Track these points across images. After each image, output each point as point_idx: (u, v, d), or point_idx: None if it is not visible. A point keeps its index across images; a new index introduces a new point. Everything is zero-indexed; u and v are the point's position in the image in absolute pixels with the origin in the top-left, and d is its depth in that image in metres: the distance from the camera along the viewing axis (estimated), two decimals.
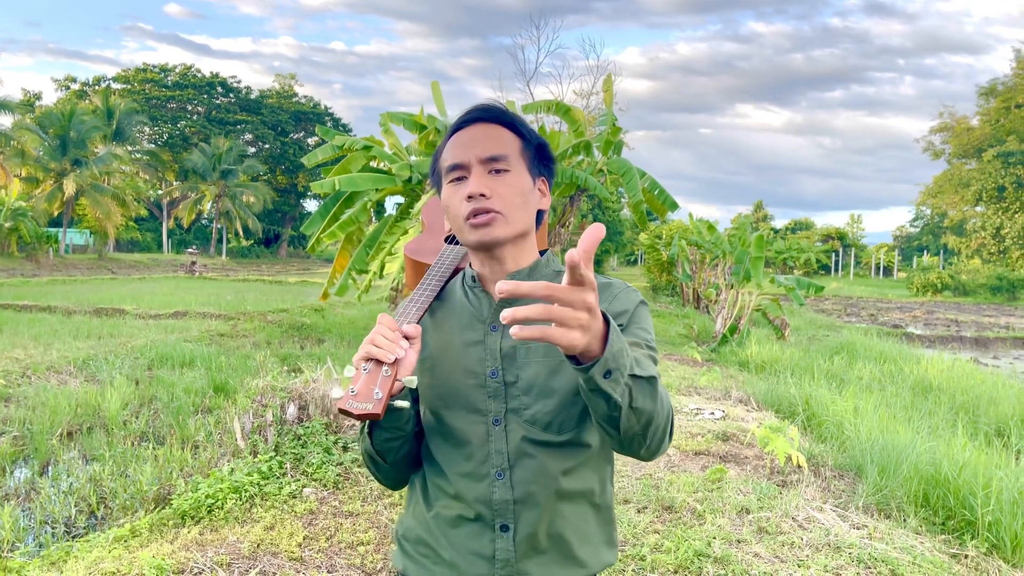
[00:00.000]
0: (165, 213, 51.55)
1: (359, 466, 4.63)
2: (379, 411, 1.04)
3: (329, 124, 58.09)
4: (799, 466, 4.68)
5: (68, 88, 54.22)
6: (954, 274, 34.95)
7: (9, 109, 35.19)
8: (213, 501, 3.85)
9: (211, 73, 57.64)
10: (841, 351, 11.03)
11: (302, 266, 47.38)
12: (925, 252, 59.24)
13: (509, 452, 1.19)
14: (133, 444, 5.57)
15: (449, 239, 1.48)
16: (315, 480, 4.39)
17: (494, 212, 1.18)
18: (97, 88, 52.30)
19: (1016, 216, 42.60)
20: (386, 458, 1.24)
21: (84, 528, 4.15)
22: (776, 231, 61.51)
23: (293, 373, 6.72)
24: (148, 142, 53.32)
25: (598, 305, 0.90)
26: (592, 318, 0.89)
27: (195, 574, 3.12)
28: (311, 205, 59.78)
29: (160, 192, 52.30)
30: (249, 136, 57.73)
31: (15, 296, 16.50)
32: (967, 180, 45.73)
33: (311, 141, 59.03)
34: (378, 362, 1.08)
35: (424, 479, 1.28)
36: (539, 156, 1.27)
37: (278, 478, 4.31)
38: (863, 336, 12.83)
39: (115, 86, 54.08)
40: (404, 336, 1.12)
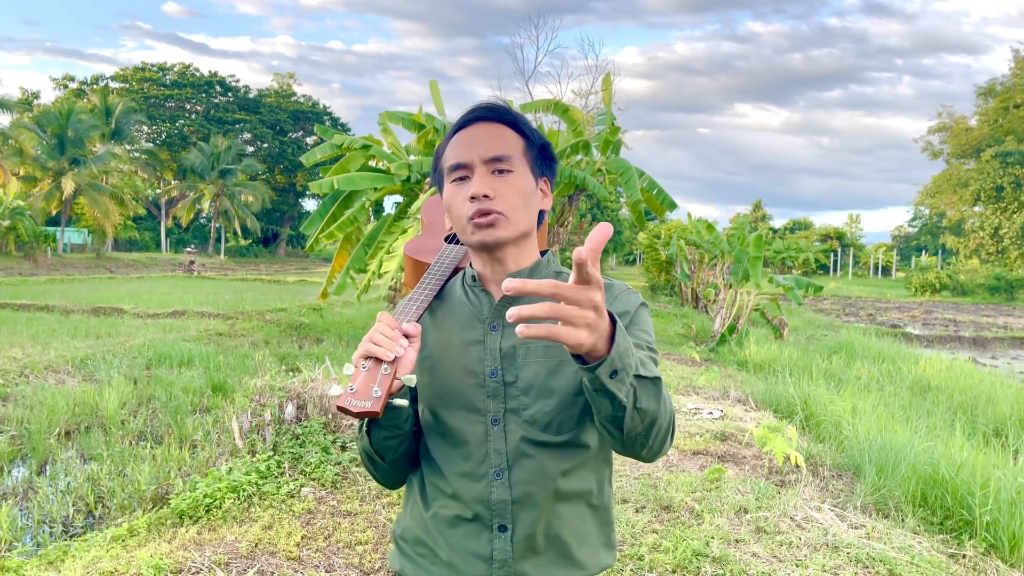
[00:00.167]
0: (163, 212, 51.51)
1: (357, 465, 4.63)
2: (377, 409, 1.04)
3: (328, 123, 58.06)
4: (797, 466, 4.68)
5: (66, 87, 54.17)
6: (952, 274, 34.97)
7: (7, 108, 35.20)
8: (211, 500, 3.85)
9: (209, 72, 57.64)
10: (839, 351, 11.04)
11: (300, 265, 47.35)
12: (923, 252, 59.29)
13: (508, 452, 1.18)
14: (131, 443, 5.56)
15: (449, 238, 1.48)
16: (313, 479, 4.38)
17: (497, 213, 1.17)
18: (95, 87, 52.25)
19: (1014, 216, 42.63)
20: (384, 457, 1.24)
21: (82, 527, 4.14)
22: (775, 231, 61.50)
23: (291, 372, 6.71)
24: (146, 141, 53.28)
25: (605, 304, 0.89)
26: (599, 317, 0.88)
27: (193, 574, 3.12)
28: (310, 204, 59.76)
29: (158, 191, 52.25)
30: (247, 135, 57.68)
31: (13, 295, 16.47)
32: (965, 180, 45.77)
33: (310, 140, 58.97)
34: (377, 360, 1.08)
35: (422, 478, 1.27)
36: (542, 156, 1.27)
37: (276, 477, 4.30)
38: (861, 336, 12.83)
39: (113, 85, 54.05)
40: (404, 334, 1.11)
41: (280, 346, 10.77)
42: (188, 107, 56.28)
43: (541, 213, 1.29)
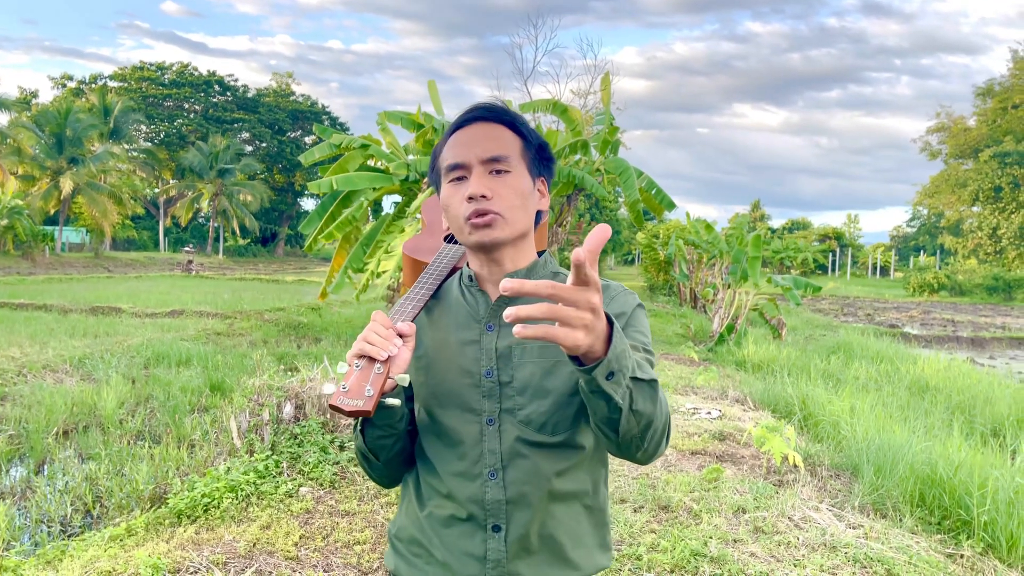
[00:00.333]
0: (162, 211, 51.46)
1: (356, 465, 4.63)
2: (369, 408, 1.03)
3: (326, 123, 58.03)
4: (795, 466, 4.68)
5: (64, 86, 54.08)
6: (950, 274, 35.00)
7: (5, 107, 35.20)
8: (209, 500, 3.84)
9: (208, 71, 57.58)
10: (838, 351, 11.05)
11: (299, 265, 47.33)
12: (922, 252, 59.34)
13: (502, 452, 1.18)
14: (129, 443, 5.56)
15: (448, 238, 1.48)
16: (311, 479, 4.38)
17: (494, 213, 1.17)
18: (94, 86, 52.20)
19: (1012, 216, 42.68)
20: (379, 456, 1.24)
21: (80, 527, 4.14)
22: (773, 231, 61.52)
23: (290, 372, 6.70)
24: (145, 140, 53.24)
25: (602, 305, 0.89)
26: (596, 318, 0.88)
27: (191, 573, 3.12)
28: (308, 204, 59.74)
29: (157, 190, 52.22)
30: (246, 134, 57.64)
31: (11, 294, 16.46)
32: (964, 180, 45.80)
33: (308, 140, 58.94)
34: (371, 359, 1.08)
35: (417, 478, 1.27)
36: (539, 156, 1.27)
37: (274, 477, 4.30)
38: (860, 336, 12.84)
39: (112, 84, 53.98)
40: (398, 334, 1.11)
41: (278, 345, 10.76)
42: (186, 106, 56.22)
43: (538, 213, 1.29)
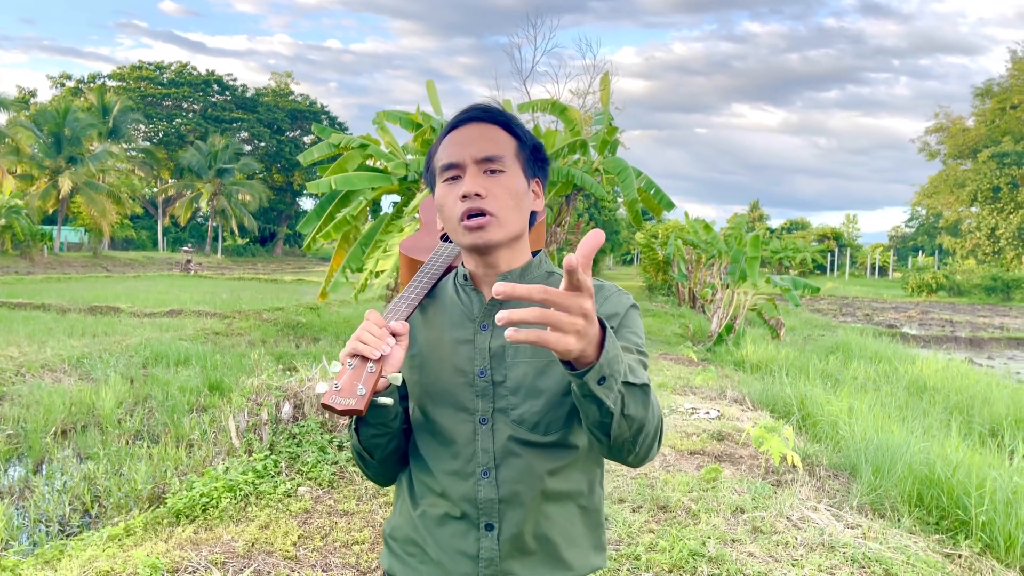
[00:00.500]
0: (160, 211, 51.41)
1: (354, 465, 4.62)
2: (362, 407, 1.04)
3: (325, 122, 57.97)
4: (794, 466, 4.69)
5: (63, 85, 54.03)
6: (949, 274, 35.03)
7: (4, 106, 35.19)
8: (208, 500, 3.84)
9: (207, 71, 57.58)
10: (836, 351, 11.06)
11: (298, 264, 47.31)
12: (920, 252, 59.40)
13: (495, 451, 1.18)
14: (127, 443, 5.56)
15: (444, 236, 1.48)
16: (310, 479, 4.38)
17: (488, 214, 1.17)
18: (92, 85, 52.17)
19: (1011, 217, 42.74)
20: (373, 455, 1.24)
21: (78, 527, 4.14)
22: (772, 231, 61.55)
23: (288, 372, 6.70)
24: (143, 140, 53.23)
25: (595, 311, 0.89)
26: (588, 324, 0.88)
27: (189, 573, 3.12)
28: (307, 203, 59.69)
29: (155, 190, 52.17)
30: (245, 134, 57.62)
31: (9, 294, 16.44)
32: (962, 181, 45.86)
33: (307, 139, 58.93)
34: (364, 358, 1.08)
35: (411, 477, 1.27)
36: (534, 157, 1.27)
37: (273, 477, 4.30)
38: (858, 336, 12.85)
39: (110, 83, 53.97)
40: (391, 333, 1.11)
41: (277, 345, 10.76)
42: (185, 106, 56.20)
43: (533, 214, 1.29)
